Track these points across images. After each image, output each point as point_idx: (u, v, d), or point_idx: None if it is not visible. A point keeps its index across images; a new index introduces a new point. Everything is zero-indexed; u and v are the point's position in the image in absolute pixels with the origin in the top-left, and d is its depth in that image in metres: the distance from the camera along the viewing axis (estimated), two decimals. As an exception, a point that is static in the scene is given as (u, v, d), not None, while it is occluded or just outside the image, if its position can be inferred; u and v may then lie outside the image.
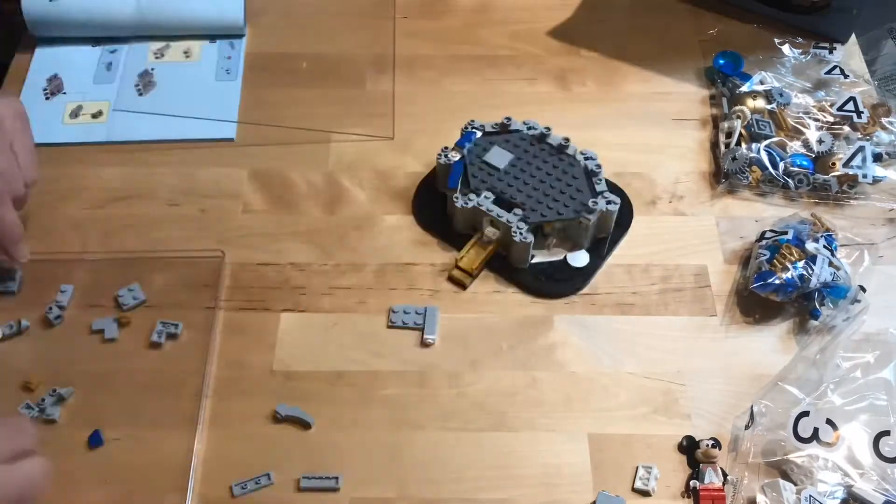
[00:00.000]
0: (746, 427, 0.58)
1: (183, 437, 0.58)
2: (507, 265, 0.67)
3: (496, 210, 0.65)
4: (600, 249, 0.68)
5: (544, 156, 0.68)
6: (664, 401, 0.61)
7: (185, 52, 0.80)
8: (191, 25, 0.81)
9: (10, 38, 0.82)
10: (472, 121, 0.71)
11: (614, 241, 0.68)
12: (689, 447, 0.58)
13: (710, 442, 0.57)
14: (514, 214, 0.65)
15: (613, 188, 0.70)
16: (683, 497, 0.57)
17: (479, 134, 0.70)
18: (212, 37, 0.82)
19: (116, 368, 0.61)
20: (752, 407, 0.58)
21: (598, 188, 0.67)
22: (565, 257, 0.66)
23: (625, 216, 0.70)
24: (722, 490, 0.56)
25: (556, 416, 0.60)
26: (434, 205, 0.70)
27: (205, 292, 0.65)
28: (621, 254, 0.68)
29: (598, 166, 0.67)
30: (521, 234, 0.64)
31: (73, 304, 0.64)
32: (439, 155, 0.69)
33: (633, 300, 0.66)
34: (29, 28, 0.79)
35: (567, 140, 0.69)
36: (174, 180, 0.72)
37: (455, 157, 0.68)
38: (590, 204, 0.65)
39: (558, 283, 0.66)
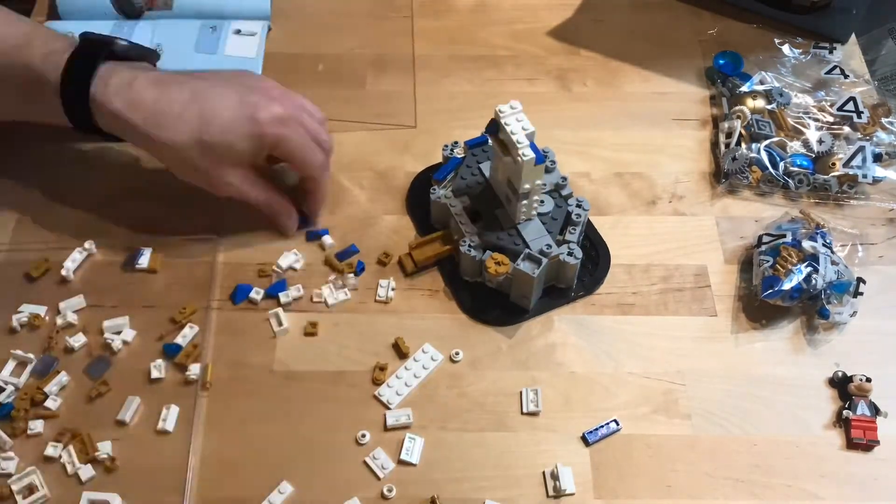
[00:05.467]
0: None
1: (181, 438, 0.58)
2: (456, 274, 0.66)
3: (462, 215, 0.65)
4: (556, 297, 0.65)
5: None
6: (664, 401, 0.61)
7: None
8: (219, 10, 0.82)
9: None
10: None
11: (575, 296, 0.66)
12: (840, 381, 0.61)
13: (864, 377, 0.60)
14: (476, 226, 0.64)
15: (595, 245, 0.68)
16: (835, 426, 0.59)
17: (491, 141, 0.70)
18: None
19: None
20: None
21: (568, 237, 0.64)
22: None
23: (596, 276, 0.67)
24: (873, 421, 0.59)
25: (556, 416, 0.60)
26: (424, 193, 0.69)
27: (202, 292, 0.65)
28: (621, 254, 0.68)
29: (579, 216, 0.64)
30: (467, 245, 0.63)
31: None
32: (445, 147, 0.69)
33: (633, 300, 0.66)
34: (60, 13, 0.81)
35: (565, 179, 0.66)
36: (174, 180, 0.72)
37: (459, 154, 0.69)
38: (543, 247, 0.62)
39: (492, 312, 0.64)
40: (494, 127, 0.60)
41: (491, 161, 0.66)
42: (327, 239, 0.68)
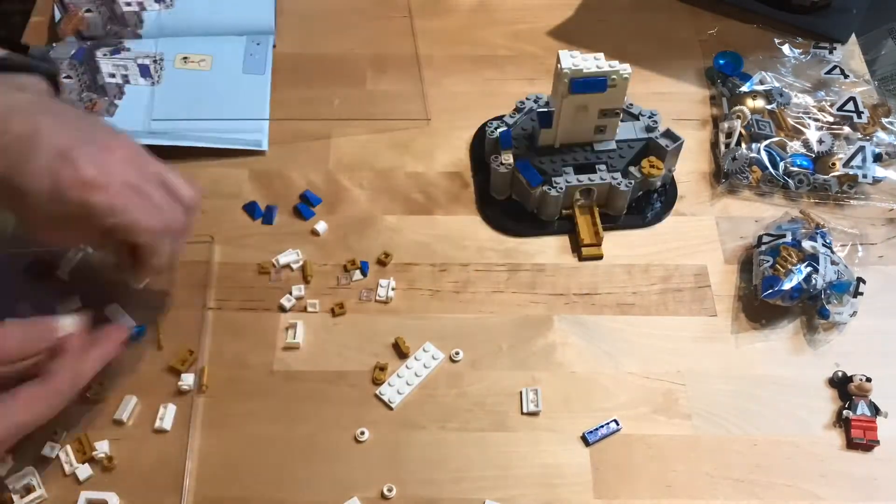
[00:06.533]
0: None
1: (178, 438, 0.58)
2: (609, 217, 0.70)
3: (584, 178, 0.67)
4: (643, 208, 0.71)
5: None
6: (664, 401, 0.61)
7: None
8: (223, 26, 0.81)
9: (10, 39, 0.82)
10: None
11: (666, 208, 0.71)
12: (840, 381, 0.61)
13: (864, 377, 0.60)
14: (598, 170, 0.68)
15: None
16: (835, 426, 0.59)
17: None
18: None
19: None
20: None
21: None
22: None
23: (668, 199, 0.72)
24: (873, 421, 0.59)
25: (556, 416, 0.60)
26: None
27: (199, 292, 0.65)
28: (621, 254, 0.68)
29: (656, 122, 0.71)
30: (623, 183, 0.67)
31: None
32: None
33: (633, 300, 0.66)
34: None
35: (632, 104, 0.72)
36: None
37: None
38: (654, 136, 0.68)
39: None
40: (576, 83, 0.64)
41: (561, 121, 0.67)
42: (321, 225, 0.69)
